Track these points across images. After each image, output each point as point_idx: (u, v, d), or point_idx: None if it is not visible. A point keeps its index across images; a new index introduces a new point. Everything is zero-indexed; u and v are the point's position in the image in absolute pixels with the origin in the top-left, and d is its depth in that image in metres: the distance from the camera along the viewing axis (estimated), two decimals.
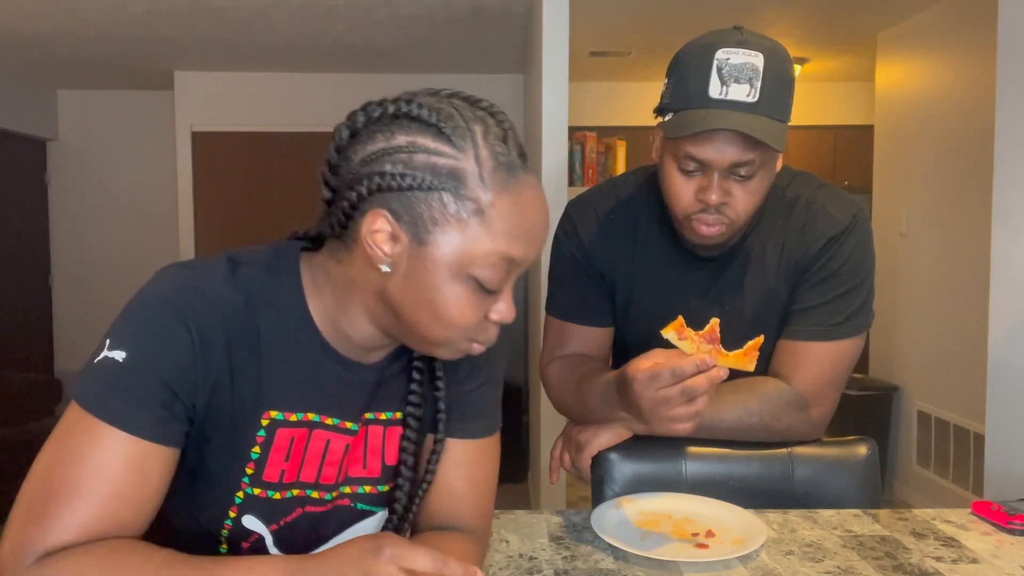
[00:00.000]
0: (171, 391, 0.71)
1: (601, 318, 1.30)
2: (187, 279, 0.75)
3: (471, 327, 0.75)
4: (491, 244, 0.72)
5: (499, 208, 0.71)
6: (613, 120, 5.08)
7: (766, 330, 1.22)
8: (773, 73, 1.06)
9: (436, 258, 0.72)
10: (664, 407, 0.95)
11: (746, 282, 1.22)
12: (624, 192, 1.29)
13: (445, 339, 0.76)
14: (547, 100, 2.89)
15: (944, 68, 3.53)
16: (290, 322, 0.78)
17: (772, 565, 0.97)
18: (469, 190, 0.71)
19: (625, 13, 3.74)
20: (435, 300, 0.73)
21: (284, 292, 0.79)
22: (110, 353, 0.71)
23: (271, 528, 0.81)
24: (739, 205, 1.11)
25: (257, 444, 0.78)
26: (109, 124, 5.52)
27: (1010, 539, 1.05)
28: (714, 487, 1.18)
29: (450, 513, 0.89)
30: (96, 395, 0.70)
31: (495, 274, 0.73)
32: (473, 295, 0.73)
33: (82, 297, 5.54)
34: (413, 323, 0.75)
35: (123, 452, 0.69)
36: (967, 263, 3.32)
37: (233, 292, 0.76)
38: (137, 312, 0.73)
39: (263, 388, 0.77)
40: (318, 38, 4.15)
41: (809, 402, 1.19)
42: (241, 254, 0.80)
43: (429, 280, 0.72)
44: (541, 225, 0.75)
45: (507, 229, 0.72)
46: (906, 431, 3.84)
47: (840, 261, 1.18)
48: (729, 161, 1.07)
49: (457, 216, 0.71)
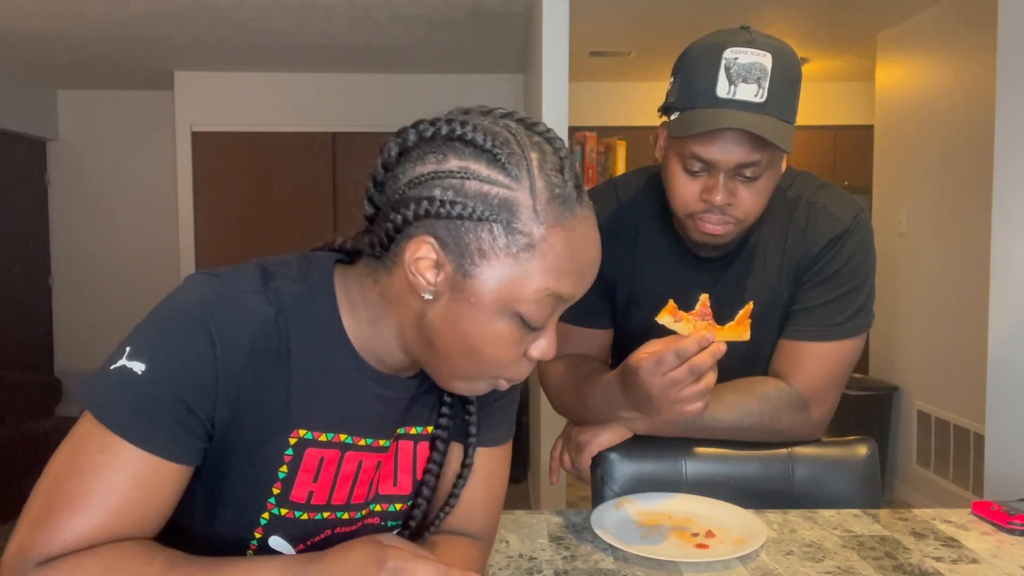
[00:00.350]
0: (188, 408, 0.69)
1: (601, 320, 1.29)
2: (215, 289, 0.72)
3: (505, 364, 0.73)
4: (540, 281, 0.68)
5: (551, 243, 0.68)
6: (613, 120, 5.08)
7: (768, 331, 1.22)
8: (781, 73, 1.06)
9: (480, 292, 0.68)
10: (674, 390, 0.95)
11: (748, 283, 1.21)
12: (624, 193, 1.28)
13: (473, 375, 0.73)
14: (547, 100, 2.89)
15: (944, 68, 3.53)
16: (323, 337, 0.75)
17: (772, 565, 0.97)
18: (522, 223, 0.67)
19: (625, 13, 3.74)
20: (474, 335, 0.70)
21: (318, 306, 0.75)
22: (129, 363, 0.68)
23: (298, 548, 0.79)
24: (745, 205, 1.10)
25: (284, 463, 0.75)
26: (109, 124, 5.52)
27: (1010, 539, 1.05)
28: (714, 487, 1.18)
29: (462, 519, 0.88)
30: (111, 408, 0.68)
31: (541, 311, 0.70)
32: (515, 332, 0.71)
33: (82, 297, 5.54)
34: (446, 355, 0.72)
35: (134, 467, 0.68)
36: (967, 263, 3.32)
37: (264, 304, 0.72)
38: (160, 323, 0.71)
39: (291, 405, 0.74)
40: (318, 38, 4.15)
41: (809, 402, 1.19)
42: (273, 263, 0.77)
43: (470, 313, 0.69)
44: (592, 262, 0.73)
45: (558, 265, 0.69)
46: (906, 431, 3.84)
47: (841, 261, 1.17)
48: (735, 161, 1.06)
49: (507, 250, 0.67)
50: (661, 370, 0.95)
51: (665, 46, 4.33)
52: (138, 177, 5.53)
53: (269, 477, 0.75)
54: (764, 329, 1.22)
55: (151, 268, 5.48)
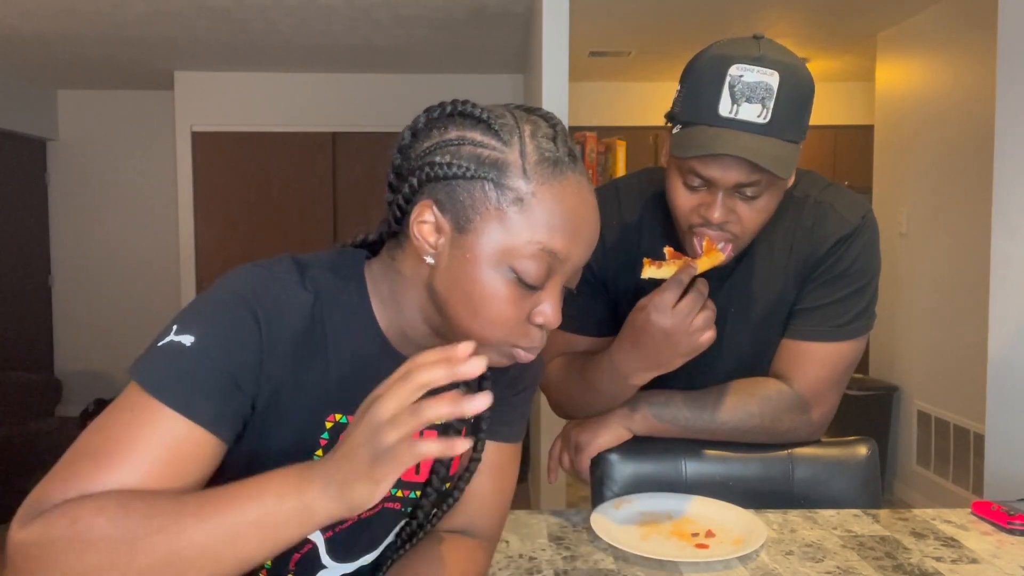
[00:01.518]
0: (235, 382, 0.70)
1: (600, 328, 1.28)
2: (261, 276, 0.74)
3: (511, 327, 0.73)
4: (530, 234, 0.71)
5: (540, 198, 0.71)
6: (613, 120, 5.08)
7: (774, 331, 1.21)
8: (788, 93, 1.02)
9: (476, 247, 0.71)
10: (687, 319, 1.01)
11: (754, 284, 1.20)
12: (626, 198, 1.27)
13: (486, 338, 0.73)
14: (547, 100, 2.89)
15: (944, 68, 3.53)
16: (355, 324, 0.78)
17: (772, 565, 0.97)
18: (511, 180, 0.71)
19: (625, 13, 3.74)
20: (474, 292, 0.72)
21: (351, 294, 0.78)
22: (177, 337, 0.69)
23: (326, 535, 0.80)
24: (744, 223, 1.08)
25: (320, 447, 0.76)
26: (109, 124, 5.53)
27: (1010, 539, 1.05)
28: (714, 487, 1.18)
29: (469, 517, 0.88)
30: (157, 375, 0.68)
31: (535, 267, 0.72)
32: (513, 290, 0.72)
33: (82, 297, 5.54)
34: (455, 318, 0.74)
35: (172, 434, 0.67)
36: (967, 263, 3.32)
37: (303, 292, 0.75)
38: (209, 303, 0.72)
39: (329, 390, 0.76)
40: (318, 38, 4.15)
41: (810, 404, 1.18)
42: (305, 257, 0.80)
43: (468, 270, 0.72)
44: (586, 222, 0.74)
45: (547, 220, 0.71)
46: (906, 431, 3.84)
47: (848, 262, 1.17)
48: (734, 181, 1.04)
49: (497, 205, 0.71)
50: (668, 304, 1.01)
51: (665, 46, 4.33)
52: (138, 177, 5.53)
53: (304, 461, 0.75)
54: (770, 329, 1.22)
55: (151, 268, 5.48)
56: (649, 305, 1.03)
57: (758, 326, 1.21)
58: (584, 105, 5.09)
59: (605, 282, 1.26)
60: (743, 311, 1.21)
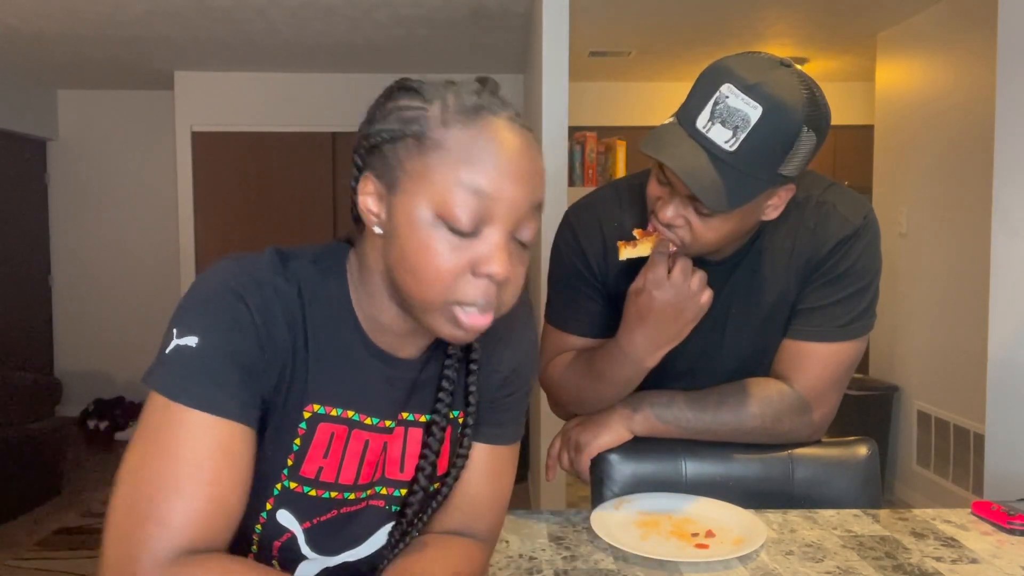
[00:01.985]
0: (247, 371, 0.72)
1: (601, 330, 1.28)
2: (243, 268, 0.75)
3: (449, 282, 0.70)
4: (451, 172, 0.69)
5: (458, 138, 0.70)
6: (613, 120, 5.08)
7: (775, 331, 1.21)
8: (767, 131, 0.98)
9: (408, 205, 0.71)
10: (686, 284, 1.07)
11: (756, 285, 1.20)
12: (627, 199, 1.26)
13: (429, 300, 0.71)
14: (547, 100, 2.89)
15: (944, 68, 3.53)
16: (335, 316, 0.78)
17: (772, 565, 0.97)
18: (431, 130, 0.71)
19: (625, 13, 3.74)
20: (410, 251, 0.71)
21: (330, 287, 0.79)
22: (181, 341, 0.71)
23: (304, 526, 0.80)
24: (693, 236, 1.09)
25: (298, 436, 0.78)
26: (109, 124, 5.52)
27: (1010, 539, 1.05)
28: (714, 487, 1.18)
29: (467, 518, 0.88)
30: (176, 381, 0.70)
31: (461, 209, 0.69)
32: (446, 241, 0.70)
33: (82, 297, 5.54)
34: (402, 286, 0.73)
35: (212, 435, 0.69)
36: (967, 263, 3.32)
37: (285, 283, 0.76)
38: (199, 300, 0.73)
39: (308, 380, 0.77)
40: (318, 38, 4.15)
41: (811, 404, 1.18)
42: (289, 249, 0.81)
43: (404, 230, 0.71)
44: (515, 157, 0.71)
45: (466, 156, 0.69)
46: (906, 431, 3.84)
47: (849, 262, 1.16)
48: (686, 192, 1.04)
49: (420, 157, 0.71)
50: (663, 277, 1.06)
51: (665, 46, 4.33)
52: (138, 177, 5.53)
53: (284, 448, 0.77)
54: (771, 330, 1.21)
55: (151, 268, 5.48)
56: (646, 283, 1.08)
57: (759, 326, 1.21)
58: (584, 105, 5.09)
59: (606, 282, 1.26)
60: (744, 311, 1.21)
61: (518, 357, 0.90)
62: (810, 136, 1.02)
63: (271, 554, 0.81)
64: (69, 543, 3.26)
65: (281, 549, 0.81)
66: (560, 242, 1.29)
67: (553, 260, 1.30)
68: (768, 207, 1.10)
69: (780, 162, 1.02)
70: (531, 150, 0.73)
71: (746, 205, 1.03)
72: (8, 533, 3.37)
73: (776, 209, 1.11)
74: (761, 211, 1.10)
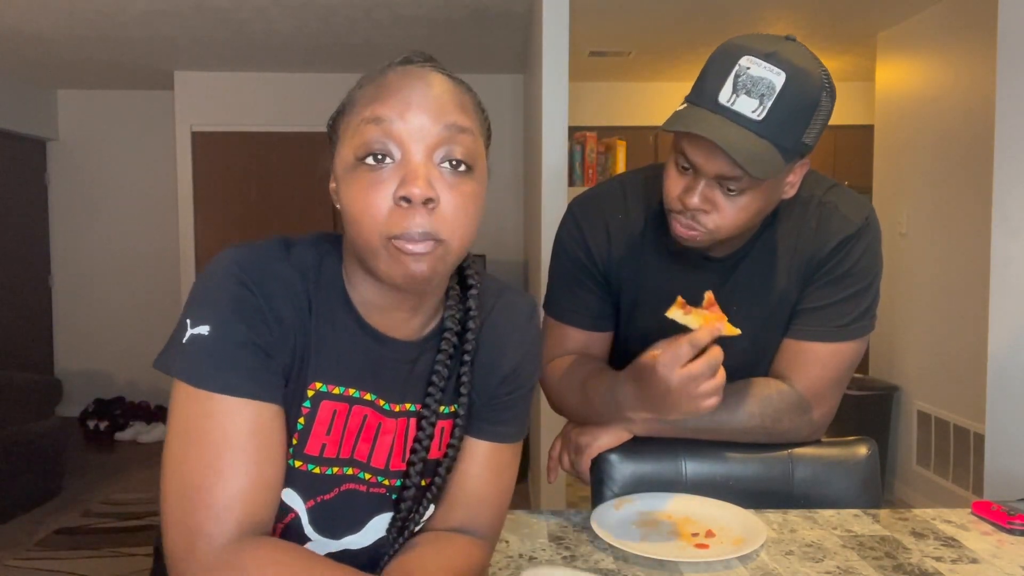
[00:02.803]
0: (264, 351, 0.74)
1: (603, 322, 1.28)
2: (246, 255, 0.77)
3: (380, 217, 0.71)
4: (357, 117, 0.74)
5: (364, 91, 0.76)
6: (613, 120, 5.08)
7: (775, 330, 1.21)
8: (791, 96, 1.00)
9: (339, 167, 0.76)
10: (693, 384, 0.98)
11: (757, 283, 1.20)
12: (632, 192, 1.27)
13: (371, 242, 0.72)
14: (547, 100, 2.89)
15: (944, 68, 3.53)
16: (332, 298, 0.81)
17: (772, 565, 0.97)
18: (352, 97, 0.77)
19: (625, 13, 3.74)
20: (344, 203, 0.74)
21: (327, 269, 0.81)
22: (194, 330, 0.73)
23: (308, 505, 0.81)
24: (721, 218, 1.07)
25: (303, 415, 0.79)
26: (109, 124, 5.52)
27: (1010, 539, 1.05)
28: (714, 487, 1.18)
29: (468, 516, 0.88)
30: (199, 369, 0.72)
31: (368, 141, 0.72)
32: (365, 175, 0.72)
33: (82, 297, 5.54)
34: (352, 241, 0.76)
35: (243, 418, 0.72)
36: (967, 263, 3.32)
37: (288, 268, 0.79)
38: (207, 289, 0.75)
39: (310, 360, 0.79)
40: (318, 38, 4.15)
41: (811, 404, 1.18)
42: (294, 236, 0.84)
43: (340, 190, 0.76)
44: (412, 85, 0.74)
45: (370, 99, 0.74)
46: (906, 431, 3.84)
47: (851, 263, 1.17)
48: (716, 171, 1.03)
49: (342, 123, 0.77)
50: (679, 363, 0.97)
51: (665, 46, 4.33)
52: (138, 177, 5.53)
53: (290, 428, 0.79)
54: (771, 329, 1.21)
55: (151, 268, 5.48)
56: (660, 356, 0.99)
57: (760, 325, 1.21)
58: (584, 105, 5.10)
59: (608, 274, 1.26)
60: (745, 310, 1.21)
61: (520, 355, 0.90)
62: (827, 101, 1.04)
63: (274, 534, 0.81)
64: (69, 543, 3.26)
65: (284, 531, 0.81)
66: (563, 234, 1.29)
67: (555, 252, 1.30)
68: (787, 184, 1.11)
69: (804, 129, 1.03)
70: (441, 82, 0.75)
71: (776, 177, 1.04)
72: (8, 533, 3.37)
73: (793, 187, 1.12)
74: (781, 188, 1.10)
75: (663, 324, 1.02)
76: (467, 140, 0.74)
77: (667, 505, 1.13)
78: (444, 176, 0.73)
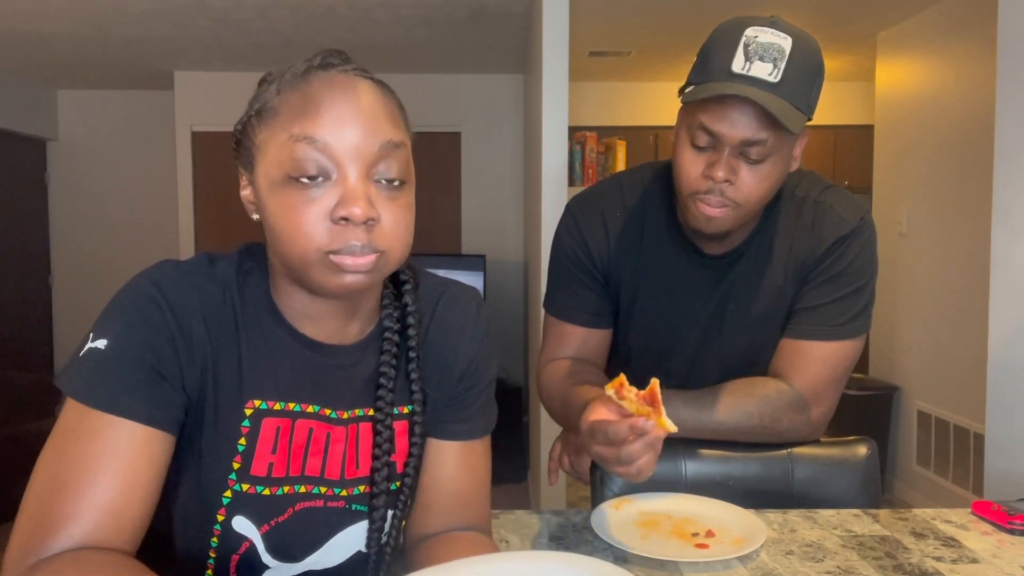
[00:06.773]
0: (159, 373, 0.72)
1: (601, 320, 1.28)
2: (163, 272, 0.76)
3: (313, 235, 0.70)
4: (285, 132, 0.71)
5: (289, 100, 0.72)
6: (613, 120, 5.08)
7: (772, 329, 1.22)
8: (799, 59, 1.05)
9: (262, 178, 0.73)
10: (604, 463, 0.94)
11: (753, 281, 1.21)
12: (629, 190, 1.27)
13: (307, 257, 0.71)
14: (547, 100, 2.89)
15: (944, 68, 3.53)
16: (259, 311, 0.79)
17: (772, 565, 0.97)
18: (268, 103, 0.74)
19: (625, 13, 3.74)
20: (274, 217, 0.72)
21: (252, 285, 0.80)
22: (93, 344, 0.72)
23: (262, 530, 0.78)
24: (745, 188, 1.08)
25: (243, 435, 0.77)
26: (109, 124, 5.53)
27: (1010, 539, 1.05)
28: (714, 487, 1.18)
29: (461, 515, 0.88)
30: (85, 384, 0.70)
31: (301, 161, 0.70)
32: (296, 194, 0.70)
33: (82, 297, 5.54)
34: (282, 257, 0.74)
35: (125, 442, 0.69)
36: (967, 263, 3.32)
37: (210, 283, 0.77)
38: (115, 304, 0.74)
39: (243, 377, 0.77)
40: (318, 38, 4.14)
41: (809, 403, 1.18)
42: (219, 253, 0.82)
43: (266, 202, 0.73)
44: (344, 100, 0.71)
45: (298, 112, 0.71)
46: (906, 431, 3.84)
47: (846, 262, 1.17)
48: (740, 137, 1.05)
49: (263, 129, 0.73)
50: (594, 441, 0.94)
51: (665, 46, 4.33)
52: (138, 177, 5.53)
53: (229, 451, 0.76)
54: (768, 328, 1.22)
55: None
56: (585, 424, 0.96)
57: (757, 325, 1.22)
58: (584, 105, 5.09)
59: (607, 271, 1.26)
60: (742, 309, 1.21)
61: (474, 350, 0.89)
62: (822, 71, 1.09)
63: (228, 571, 0.79)
64: None
65: (240, 563, 0.78)
66: (562, 231, 1.29)
67: (554, 249, 1.31)
68: (793, 159, 1.14)
69: (811, 89, 1.07)
70: (369, 92, 0.73)
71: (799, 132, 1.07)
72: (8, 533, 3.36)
73: (797, 161, 1.15)
74: (789, 161, 1.13)
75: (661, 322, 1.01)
76: (402, 155, 0.74)
77: (667, 505, 1.13)
78: (380, 192, 0.72)
